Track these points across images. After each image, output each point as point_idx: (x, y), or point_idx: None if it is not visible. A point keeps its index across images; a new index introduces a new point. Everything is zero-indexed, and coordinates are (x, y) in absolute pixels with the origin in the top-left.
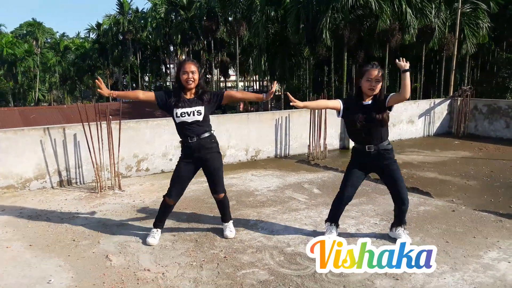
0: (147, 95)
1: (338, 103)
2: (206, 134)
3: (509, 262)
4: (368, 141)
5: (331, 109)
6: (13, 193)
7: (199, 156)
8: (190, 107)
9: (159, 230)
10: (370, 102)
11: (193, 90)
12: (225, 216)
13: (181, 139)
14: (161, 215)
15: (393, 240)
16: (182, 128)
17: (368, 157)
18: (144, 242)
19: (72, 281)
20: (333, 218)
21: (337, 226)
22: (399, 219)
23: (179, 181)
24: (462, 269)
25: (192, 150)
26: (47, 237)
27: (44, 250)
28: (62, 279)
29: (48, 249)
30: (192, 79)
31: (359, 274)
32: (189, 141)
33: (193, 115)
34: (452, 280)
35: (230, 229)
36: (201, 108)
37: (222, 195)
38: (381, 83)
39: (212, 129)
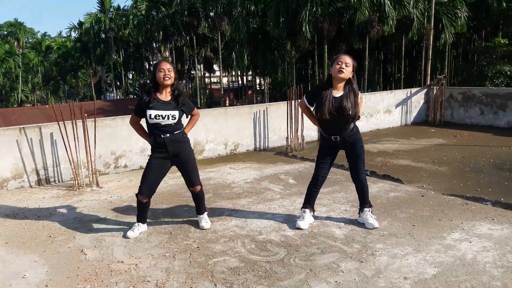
0: (137, 123)
1: (303, 102)
2: (178, 131)
3: (470, 242)
4: (334, 131)
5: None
6: None
7: (171, 151)
8: (166, 110)
9: (140, 224)
10: (341, 93)
11: (169, 90)
12: (200, 208)
13: (152, 137)
14: (139, 211)
15: (362, 225)
16: (155, 129)
17: (334, 145)
18: (124, 236)
19: (46, 275)
20: (307, 202)
21: (313, 210)
22: (362, 199)
23: (149, 178)
24: (425, 250)
25: (164, 145)
26: (23, 234)
27: (19, 247)
28: (37, 273)
29: (23, 245)
30: (169, 76)
31: (325, 258)
32: (162, 136)
33: (168, 119)
34: (414, 261)
35: (205, 220)
36: (176, 113)
37: (199, 187)
38: (351, 69)
39: (183, 127)
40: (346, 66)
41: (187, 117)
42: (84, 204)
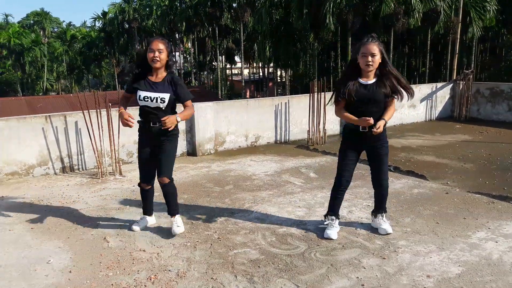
0: (125, 102)
1: (343, 101)
2: None
3: (496, 242)
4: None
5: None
6: (17, 179)
7: (156, 141)
8: (155, 92)
9: (147, 217)
10: (373, 81)
11: (161, 73)
12: (170, 207)
13: (141, 120)
14: (144, 200)
15: (375, 230)
16: (145, 112)
17: (360, 138)
18: (129, 228)
19: (70, 261)
20: (332, 209)
21: (337, 217)
22: (379, 205)
23: (144, 165)
24: (449, 249)
25: (152, 135)
26: (48, 220)
27: (44, 233)
28: (61, 259)
29: (48, 231)
30: (158, 58)
31: (347, 253)
32: (151, 125)
33: (156, 101)
34: (438, 259)
35: (177, 223)
36: (166, 96)
37: (167, 180)
38: (378, 56)
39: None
40: (373, 56)
41: (182, 103)
42: (107, 192)
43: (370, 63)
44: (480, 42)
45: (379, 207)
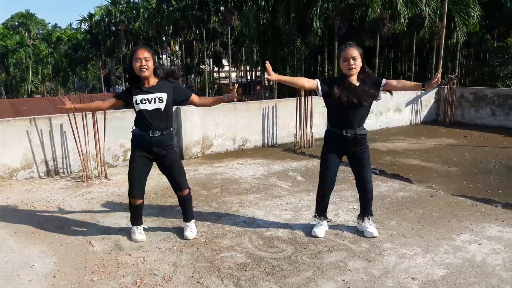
0: (109, 100)
1: (315, 82)
2: (168, 131)
3: (479, 244)
4: (347, 124)
5: (309, 89)
6: (0, 183)
7: (156, 151)
8: (151, 93)
9: (139, 227)
10: (357, 84)
11: (152, 79)
12: (188, 214)
13: (136, 130)
14: (134, 214)
15: (361, 233)
16: (143, 118)
17: (343, 142)
18: (130, 238)
19: (54, 265)
20: (320, 211)
21: (326, 218)
22: (364, 209)
23: (137, 177)
24: (433, 251)
25: (150, 144)
26: (32, 224)
27: (28, 237)
28: (45, 264)
29: (32, 236)
30: (146, 67)
31: (333, 256)
32: (150, 134)
33: (154, 102)
34: (422, 261)
35: (191, 228)
36: (163, 95)
37: (187, 190)
38: (359, 60)
39: (173, 126)
40: (354, 60)
41: (182, 103)
42: (93, 196)
43: (353, 66)
44: (464, 47)
45: (365, 211)
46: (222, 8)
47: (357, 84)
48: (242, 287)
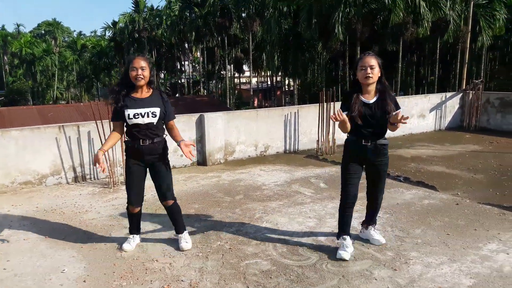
0: (117, 127)
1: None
2: (159, 139)
3: (507, 254)
4: (366, 136)
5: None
6: (31, 189)
7: (147, 160)
8: (144, 107)
9: (136, 236)
10: (374, 99)
11: (145, 89)
12: (177, 226)
13: (128, 140)
14: (132, 222)
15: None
16: (134, 131)
17: (363, 151)
18: (120, 248)
19: (84, 270)
20: (343, 227)
21: (349, 235)
22: (370, 217)
23: (135, 185)
24: (460, 260)
25: (142, 153)
26: (61, 230)
27: (58, 242)
28: (75, 269)
29: (62, 241)
30: (142, 76)
31: (358, 265)
32: (141, 144)
33: (147, 116)
34: (449, 271)
35: (185, 239)
36: (156, 110)
37: (171, 201)
38: (377, 69)
39: (165, 133)
40: (372, 68)
41: (166, 122)
42: (119, 202)
43: (370, 75)
44: (489, 50)
45: (371, 219)
46: (243, 15)
47: (374, 99)
48: None
